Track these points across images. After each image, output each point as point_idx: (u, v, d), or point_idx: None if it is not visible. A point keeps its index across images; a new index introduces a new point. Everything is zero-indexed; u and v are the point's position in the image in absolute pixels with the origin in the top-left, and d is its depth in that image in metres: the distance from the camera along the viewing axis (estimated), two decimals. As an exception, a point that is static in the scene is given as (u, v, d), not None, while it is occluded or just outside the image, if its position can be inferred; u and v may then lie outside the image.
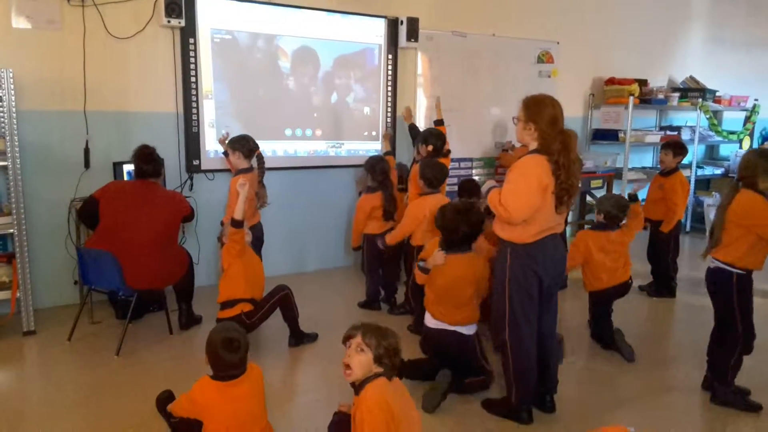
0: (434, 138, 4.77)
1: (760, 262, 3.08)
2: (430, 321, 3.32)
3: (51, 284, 4.39)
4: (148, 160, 3.87)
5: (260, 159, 4.40)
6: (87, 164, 4.41)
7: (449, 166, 4.94)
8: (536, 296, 2.87)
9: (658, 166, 7.69)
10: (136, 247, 3.66)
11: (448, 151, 4.91)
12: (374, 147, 5.57)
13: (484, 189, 2.98)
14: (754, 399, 3.20)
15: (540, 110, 2.78)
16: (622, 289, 3.97)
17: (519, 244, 2.82)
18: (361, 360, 2.19)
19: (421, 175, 4.13)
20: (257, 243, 4.18)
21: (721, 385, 3.21)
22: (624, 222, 4.06)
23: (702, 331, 3.58)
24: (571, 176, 2.74)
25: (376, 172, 4.46)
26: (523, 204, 2.71)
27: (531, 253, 2.82)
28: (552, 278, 2.91)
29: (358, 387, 2.22)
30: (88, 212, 3.84)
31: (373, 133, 5.62)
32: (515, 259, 2.84)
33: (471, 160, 6.17)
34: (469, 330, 3.26)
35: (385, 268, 4.61)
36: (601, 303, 3.96)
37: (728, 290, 3.09)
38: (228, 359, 2.33)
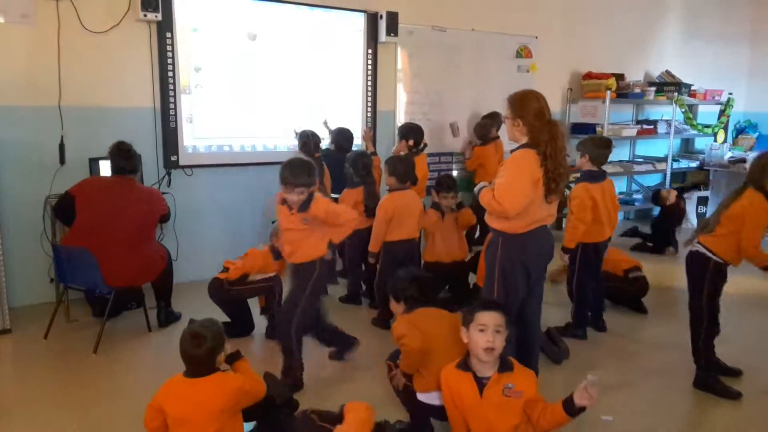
0: (414, 133, 4.79)
1: (738, 260, 3.20)
2: None
3: (26, 282, 4.32)
4: (126, 156, 3.82)
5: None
6: (62, 160, 4.34)
7: (426, 162, 4.98)
8: (521, 287, 2.96)
9: (635, 159, 7.86)
10: (114, 244, 3.62)
11: (425, 146, 4.93)
12: (355, 142, 5.56)
13: (476, 189, 3.06)
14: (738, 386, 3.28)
15: (525, 105, 2.88)
16: None
17: (510, 234, 2.91)
18: None
19: (391, 171, 4.11)
20: None
21: (697, 368, 3.30)
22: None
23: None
24: (558, 165, 2.83)
25: (359, 167, 4.44)
26: (517, 198, 2.79)
27: (521, 243, 2.91)
28: (538, 268, 3.02)
29: None
30: (63, 209, 3.79)
31: (354, 128, 5.60)
32: (505, 248, 2.93)
33: (451, 154, 6.19)
34: None
35: (367, 263, 4.61)
36: None
37: (703, 274, 3.19)
38: (190, 354, 2.29)
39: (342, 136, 4.96)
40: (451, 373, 2.46)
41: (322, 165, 4.48)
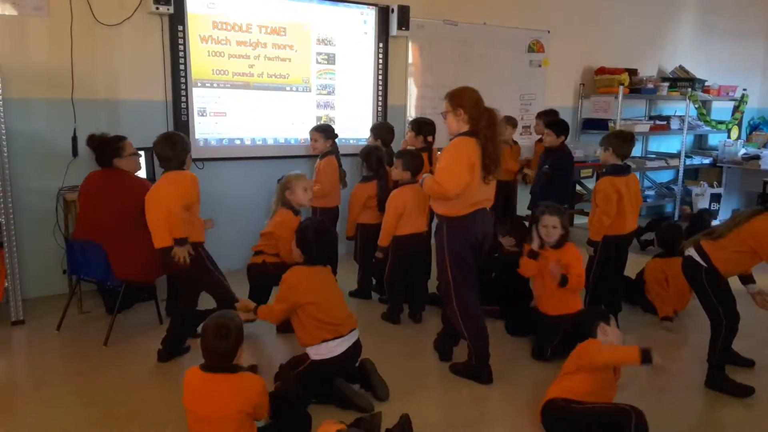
0: (427, 128, 4.77)
1: (731, 274, 3.20)
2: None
3: (39, 274, 4.36)
4: (99, 145, 3.74)
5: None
6: (75, 153, 4.37)
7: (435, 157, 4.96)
8: (473, 263, 3.17)
9: (648, 155, 7.80)
10: (120, 236, 3.60)
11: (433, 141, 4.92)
12: (365, 136, 5.55)
13: (421, 180, 3.23)
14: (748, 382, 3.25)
15: (463, 95, 3.10)
16: None
17: (453, 217, 3.11)
18: None
19: (406, 166, 4.07)
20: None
21: (709, 367, 3.27)
22: None
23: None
24: (497, 147, 3.03)
25: (372, 161, 4.42)
26: (455, 180, 2.98)
27: (464, 224, 3.11)
28: (481, 247, 3.19)
29: None
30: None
31: (365, 122, 5.60)
32: (451, 230, 3.14)
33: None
34: None
35: (377, 258, 4.61)
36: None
37: (698, 279, 3.21)
38: (215, 346, 2.28)
39: (383, 130, 4.93)
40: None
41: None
